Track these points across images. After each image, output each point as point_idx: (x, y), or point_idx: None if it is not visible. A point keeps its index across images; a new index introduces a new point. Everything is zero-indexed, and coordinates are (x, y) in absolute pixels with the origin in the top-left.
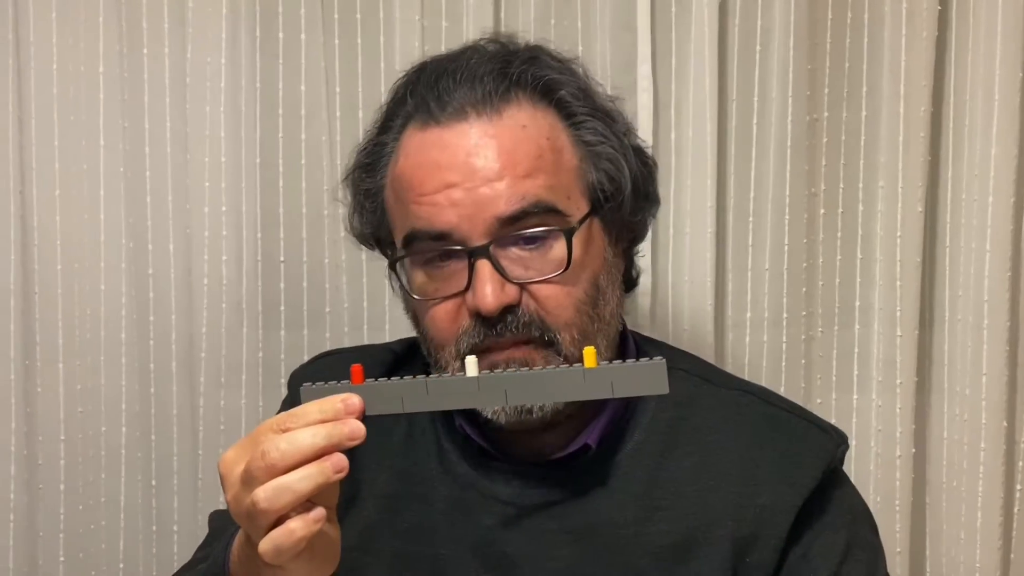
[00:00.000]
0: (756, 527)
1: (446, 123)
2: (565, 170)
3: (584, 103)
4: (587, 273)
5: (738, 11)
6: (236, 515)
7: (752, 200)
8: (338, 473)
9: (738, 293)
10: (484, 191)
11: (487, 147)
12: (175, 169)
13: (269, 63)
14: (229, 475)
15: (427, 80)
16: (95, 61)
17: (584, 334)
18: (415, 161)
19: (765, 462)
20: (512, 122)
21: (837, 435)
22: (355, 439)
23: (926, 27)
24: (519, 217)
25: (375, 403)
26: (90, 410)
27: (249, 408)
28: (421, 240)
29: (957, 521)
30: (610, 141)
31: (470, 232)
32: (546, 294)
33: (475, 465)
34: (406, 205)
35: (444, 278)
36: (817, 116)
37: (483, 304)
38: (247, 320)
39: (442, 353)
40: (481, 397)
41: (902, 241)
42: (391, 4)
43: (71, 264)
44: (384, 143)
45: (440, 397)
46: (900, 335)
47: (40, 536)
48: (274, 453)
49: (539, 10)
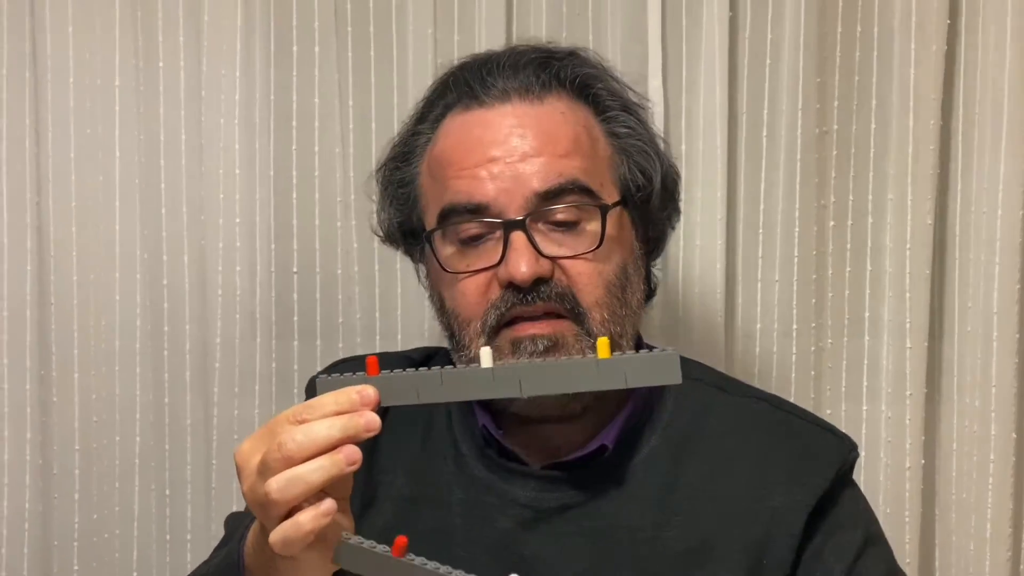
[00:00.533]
0: (769, 528)
1: (489, 104)
2: (599, 158)
3: (617, 99)
4: (617, 257)
5: (748, 24)
6: (252, 505)
7: (762, 212)
8: (351, 465)
9: (748, 304)
10: (523, 167)
11: (528, 126)
12: (190, 180)
13: (283, 76)
14: (245, 466)
15: (471, 69)
16: (111, 74)
17: (614, 317)
18: (456, 139)
19: (777, 465)
20: (552, 108)
21: (848, 441)
22: (371, 430)
23: (935, 40)
24: (555, 193)
25: (390, 394)
26: (105, 420)
27: (262, 418)
28: (457, 214)
29: (967, 532)
30: (641, 137)
31: (507, 205)
32: (578, 270)
33: (492, 468)
34: (444, 181)
35: (477, 255)
36: (827, 128)
37: (516, 271)
38: (260, 330)
39: (467, 330)
40: (495, 387)
41: (911, 253)
42: (404, 17)
43: (87, 275)
44: (421, 132)
45: (455, 388)
46: (910, 346)
47: (55, 545)
48: (290, 444)
49: (550, 22)
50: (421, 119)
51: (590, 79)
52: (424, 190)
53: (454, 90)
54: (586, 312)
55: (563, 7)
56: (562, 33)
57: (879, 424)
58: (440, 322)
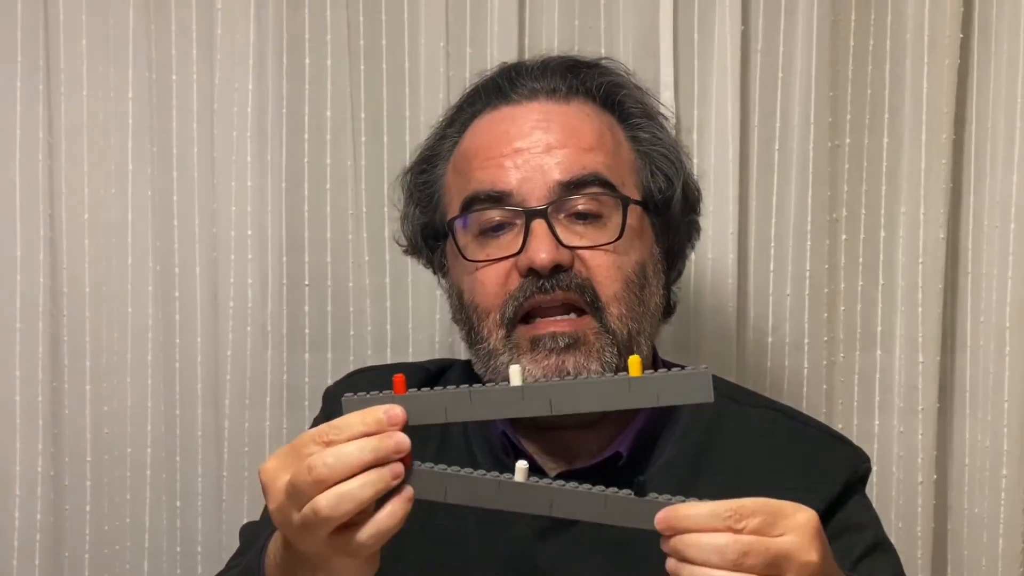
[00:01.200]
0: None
1: (517, 101)
2: (622, 160)
3: (640, 107)
4: (636, 254)
5: (760, 37)
6: (281, 524)
7: (774, 226)
8: (396, 479)
9: (760, 318)
10: (546, 157)
11: (554, 121)
12: (202, 193)
13: (295, 88)
14: (271, 485)
15: (501, 73)
16: (124, 87)
17: (631, 313)
18: (483, 133)
19: (788, 471)
20: (577, 108)
21: (860, 452)
22: (400, 452)
23: (948, 55)
24: (578, 184)
25: (418, 413)
26: (116, 431)
27: (273, 429)
28: (480, 201)
29: (979, 547)
30: (663, 144)
31: (529, 194)
32: (598, 262)
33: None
34: (469, 172)
35: (497, 245)
36: (839, 142)
37: (536, 257)
38: (272, 342)
39: (485, 321)
40: (525, 406)
41: (924, 267)
42: (416, 30)
43: (99, 287)
44: (448, 136)
45: (484, 407)
46: (922, 361)
47: (66, 557)
48: (321, 468)
49: (562, 35)
50: (449, 123)
51: (614, 87)
52: (448, 186)
53: (483, 96)
54: (605, 306)
55: (575, 20)
56: (574, 46)
57: (891, 438)
58: (458, 321)
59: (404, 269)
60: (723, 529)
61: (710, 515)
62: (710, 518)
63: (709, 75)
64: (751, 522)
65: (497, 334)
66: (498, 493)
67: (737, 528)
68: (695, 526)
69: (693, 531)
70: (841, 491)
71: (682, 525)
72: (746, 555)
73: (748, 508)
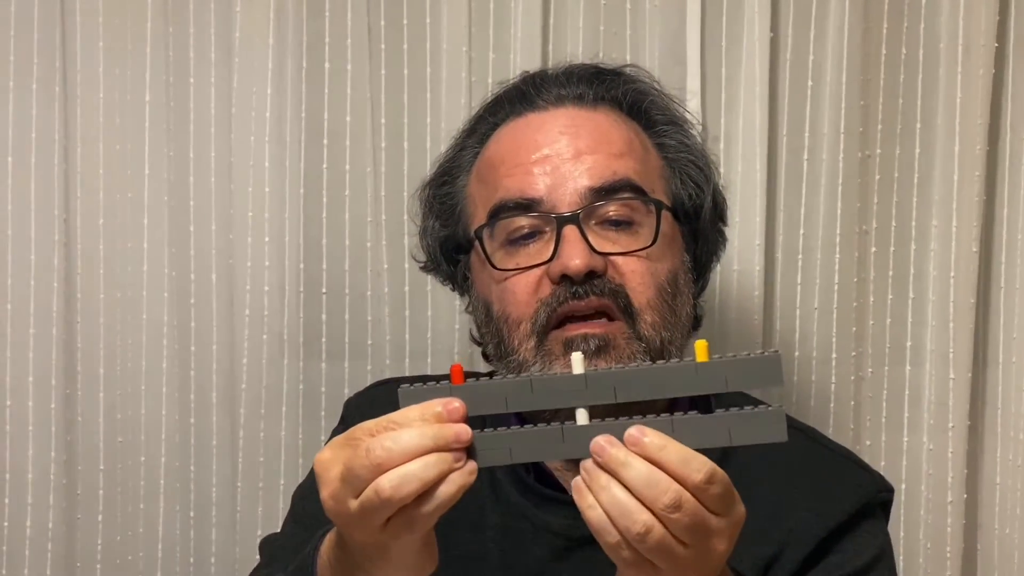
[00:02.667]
0: (779, 549)
1: (543, 107)
2: (651, 167)
3: (666, 114)
4: (669, 262)
5: (790, 45)
6: (336, 513)
7: (802, 237)
8: (459, 462)
9: (786, 332)
10: (576, 164)
11: (582, 127)
12: (219, 199)
13: (315, 93)
14: (325, 474)
15: (524, 80)
16: (141, 90)
17: (664, 322)
18: (508, 141)
19: (799, 491)
20: (604, 115)
21: (880, 480)
22: (461, 443)
23: (982, 63)
24: (609, 190)
25: (476, 404)
26: (130, 440)
27: (289, 440)
28: (508, 210)
29: (1010, 569)
30: (691, 151)
31: (559, 201)
32: (631, 268)
33: (526, 493)
34: (495, 181)
35: (527, 253)
36: (869, 152)
37: (570, 263)
38: (288, 351)
39: (516, 332)
40: (588, 394)
41: (955, 281)
42: (438, 35)
43: (113, 293)
44: (468, 147)
45: (545, 396)
46: (953, 377)
47: (77, 567)
48: (379, 451)
49: (587, 42)
50: (470, 134)
51: (640, 95)
52: (472, 197)
53: (507, 105)
54: (638, 312)
55: (600, 26)
56: (599, 52)
57: (920, 456)
58: (484, 335)
59: (424, 278)
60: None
61: (680, 460)
62: (680, 463)
63: (737, 83)
64: (711, 489)
65: (528, 344)
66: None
67: (692, 483)
68: (658, 458)
69: (650, 459)
70: (851, 516)
71: (648, 448)
72: (677, 508)
73: (718, 476)
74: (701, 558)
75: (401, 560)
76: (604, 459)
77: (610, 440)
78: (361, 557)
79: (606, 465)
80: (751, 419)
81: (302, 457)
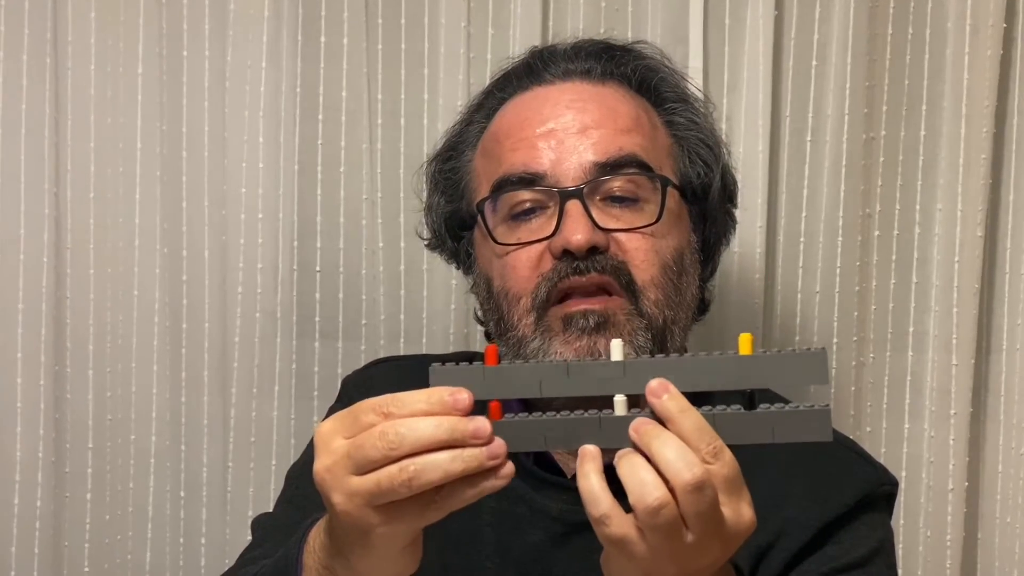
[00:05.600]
0: (775, 537)
1: (550, 81)
2: (659, 144)
3: (675, 91)
4: (675, 241)
5: (794, 24)
6: (329, 487)
7: (804, 220)
8: (492, 460)
9: (787, 316)
10: (582, 138)
11: (589, 101)
12: (212, 174)
13: (310, 68)
14: (325, 445)
15: (532, 54)
16: (134, 62)
17: (668, 301)
18: (514, 114)
19: (801, 480)
20: (612, 90)
21: (884, 473)
22: (479, 439)
23: (990, 44)
24: (614, 166)
25: (508, 386)
26: (120, 418)
27: (281, 419)
28: (512, 184)
29: (1011, 558)
30: (701, 130)
31: (564, 176)
32: (635, 245)
33: (524, 477)
34: (499, 155)
35: (529, 228)
36: (874, 134)
37: (572, 238)
38: (281, 330)
39: (516, 308)
40: (626, 383)
41: (960, 266)
42: (436, 9)
43: (104, 268)
44: (475, 121)
45: (582, 382)
46: (955, 363)
47: (66, 546)
48: (393, 436)
49: (588, 20)
50: (477, 108)
51: (649, 72)
52: (476, 171)
53: (515, 80)
54: (641, 290)
55: (602, 2)
56: (600, 29)
57: (921, 443)
58: (485, 312)
59: (419, 257)
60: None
61: (695, 428)
62: (695, 430)
63: (740, 63)
64: (719, 470)
65: (527, 319)
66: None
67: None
68: (678, 421)
69: (674, 423)
70: (851, 508)
71: (669, 408)
72: (700, 490)
73: (727, 456)
74: (695, 552)
75: (385, 552)
76: (639, 434)
77: (650, 421)
78: (344, 543)
79: (639, 440)
80: (796, 417)
81: (294, 438)
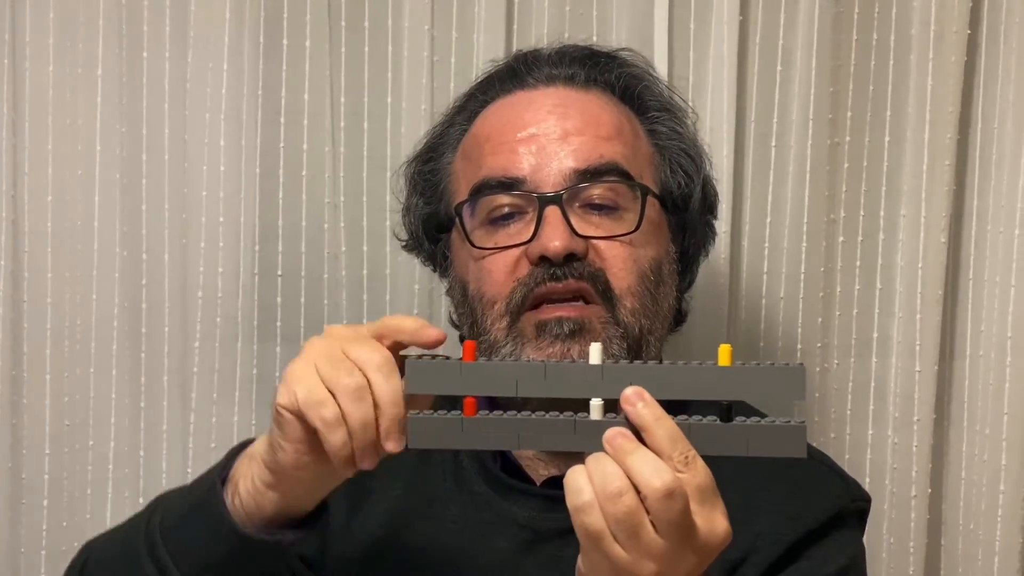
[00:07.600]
0: (746, 552)
1: (532, 86)
2: (641, 153)
3: (658, 100)
4: (653, 250)
5: (759, 29)
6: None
7: (768, 226)
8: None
9: (752, 322)
10: (562, 144)
11: (571, 107)
12: (173, 177)
13: (272, 70)
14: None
15: (516, 58)
16: (93, 63)
17: (645, 310)
18: (496, 118)
19: (773, 494)
20: (595, 97)
21: (856, 489)
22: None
23: (954, 51)
24: (595, 173)
25: (487, 383)
26: (77, 423)
27: (242, 425)
28: (491, 188)
29: (973, 565)
30: (682, 140)
31: (543, 181)
32: (613, 254)
33: (492, 483)
34: (480, 159)
35: (507, 233)
36: (839, 140)
37: (549, 245)
38: (242, 334)
39: (489, 312)
40: (603, 387)
41: (923, 272)
42: (400, 12)
43: (62, 272)
44: (456, 123)
45: (558, 384)
46: (919, 369)
47: (22, 553)
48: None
49: (552, 24)
50: (459, 111)
51: (633, 80)
52: (456, 174)
53: (497, 83)
54: (618, 298)
55: (566, 6)
56: (564, 34)
57: (885, 450)
58: (459, 315)
59: (382, 261)
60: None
61: (669, 436)
62: (668, 439)
63: (705, 67)
64: (691, 478)
65: (500, 324)
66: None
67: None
68: (651, 430)
69: (648, 431)
70: (823, 524)
71: (644, 416)
72: (670, 497)
73: (699, 465)
74: (670, 560)
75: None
76: (612, 448)
77: (625, 434)
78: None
79: (612, 455)
80: (772, 432)
81: None
